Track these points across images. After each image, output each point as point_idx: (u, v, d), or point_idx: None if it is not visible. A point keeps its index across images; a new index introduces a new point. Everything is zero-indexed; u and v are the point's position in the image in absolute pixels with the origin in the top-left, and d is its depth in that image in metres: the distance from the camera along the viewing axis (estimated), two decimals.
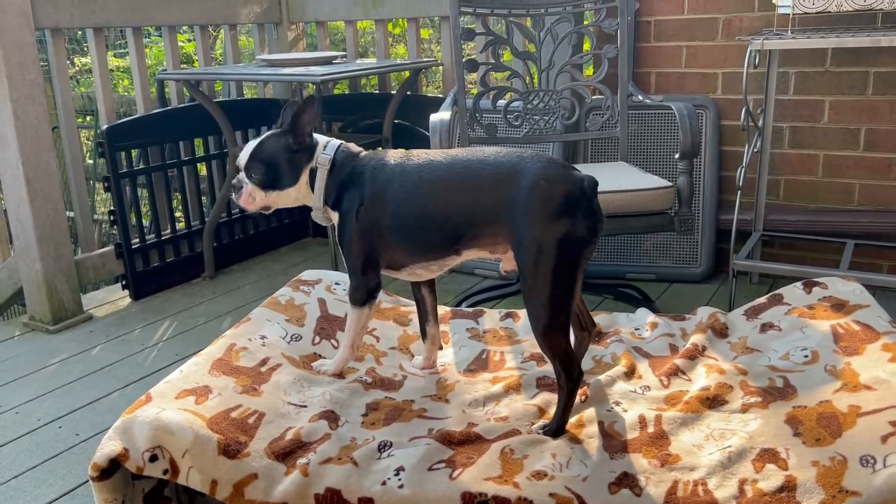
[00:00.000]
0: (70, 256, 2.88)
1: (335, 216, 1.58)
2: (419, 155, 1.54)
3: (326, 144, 1.59)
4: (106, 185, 3.03)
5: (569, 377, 1.38)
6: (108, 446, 1.27)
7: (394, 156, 1.55)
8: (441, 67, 3.51)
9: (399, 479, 1.25)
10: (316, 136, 1.59)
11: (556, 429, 1.38)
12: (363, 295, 1.57)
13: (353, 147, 1.62)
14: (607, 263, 3.12)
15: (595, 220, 1.41)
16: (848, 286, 1.70)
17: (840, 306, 1.63)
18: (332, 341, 1.73)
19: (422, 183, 1.47)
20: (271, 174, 1.55)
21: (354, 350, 1.62)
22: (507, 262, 1.52)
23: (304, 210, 4.21)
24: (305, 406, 1.46)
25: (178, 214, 3.50)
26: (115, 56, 6.20)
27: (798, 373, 1.47)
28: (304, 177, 1.57)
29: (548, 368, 1.63)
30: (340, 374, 1.62)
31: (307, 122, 1.54)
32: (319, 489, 1.25)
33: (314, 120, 1.55)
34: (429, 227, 1.48)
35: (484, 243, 1.46)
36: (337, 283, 1.97)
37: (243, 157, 1.58)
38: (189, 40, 4.89)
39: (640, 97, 2.67)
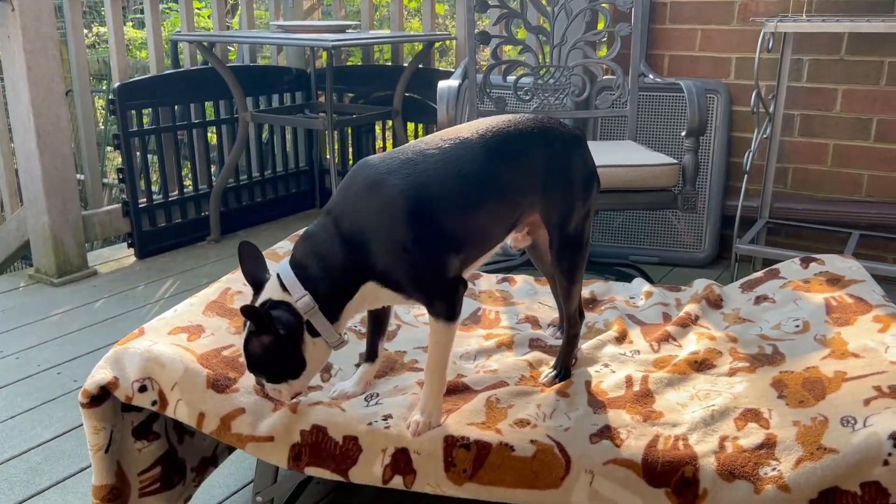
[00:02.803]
0: (77, 211, 2.91)
1: (369, 288, 1.25)
2: (425, 151, 1.28)
3: (290, 288, 1.23)
4: (116, 142, 3.05)
5: (581, 322, 1.48)
6: (99, 374, 1.29)
7: (392, 169, 1.24)
8: (454, 42, 3.51)
9: (386, 422, 1.26)
10: (276, 293, 1.23)
11: (566, 370, 1.43)
12: (458, 304, 1.28)
13: (314, 232, 1.27)
14: (610, 245, 3.12)
15: None
16: (845, 263, 1.70)
17: (835, 280, 1.63)
18: None
19: (467, 176, 1.27)
20: (275, 373, 1.26)
21: (446, 371, 1.31)
22: (521, 240, 1.45)
23: (312, 180, 4.21)
24: None
25: (186, 176, 3.51)
26: (132, 28, 6.23)
27: (788, 341, 1.47)
28: (310, 345, 1.25)
29: (541, 331, 1.64)
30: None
31: (262, 313, 1.20)
32: (305, 426, 1.26)
33: (258, 307, 1.21)
34: (490, 222, 1.32)
35: (521, 221, 1.37)
36: None
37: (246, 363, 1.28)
38: (205, 6, 4.90)
39: (652, 77, 2.66)
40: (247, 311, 1.19)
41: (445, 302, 1.26)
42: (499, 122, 1.35)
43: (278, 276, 1.24)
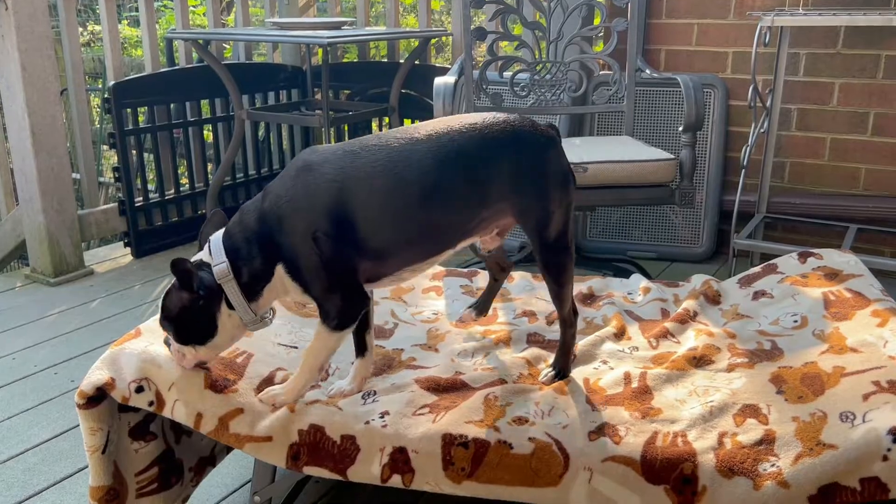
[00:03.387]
0: (73, 211, 2.90)
1: (282, 273, 1.24)
2: (370, 146, 1.24)
3: (214, 254, 1.25)
4: (112, 141, 3.04)
5: (576, 322, 1.44)
6: (96, 375, 1.28)
7: (330, 158, 1.24)
8: (450, 38, 3.50)
9: (383, 420, 1.26)
10: (204, 254, 1.28)
11: (565, 369, 1.41)
12: (348, 318, 1.26)
13: (248, 205, 1.28)
14: (608, 240, 3.11)
15: None
16: (843, 257, 1.70)
17: (833, 275, 1.63)
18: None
19: (407, 178, 1.22)
20: (183, 332, 1.27)
21: (318, 373, 1.31)
22: (491, 242, 1.43)
23: None
24: (296, 347, 1.47)
25: (183, 175, 3.50)
26: (127, 26, 6.21)
27: (786, 337, 1.47)
28: (225, 316, 1.26)
29: (538, 325, 1.63)
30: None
31: (190, 270, 1.22)
32: (303, 425, 1.26)
33: (189, 265, 1.22)
34: (424, 231, 1.26)
35: (485, 226, 1.31)
36: None
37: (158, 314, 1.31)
38: (201, 3, 4.88)
39: (649, 72, 2.66)
40: (174, 264, 1.21)
41: (336, 309, 1.25)
42: (463, 123, 1.28)
43: (209, 242, 1.27)
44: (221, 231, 1.28)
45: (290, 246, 1.22)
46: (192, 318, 1.26)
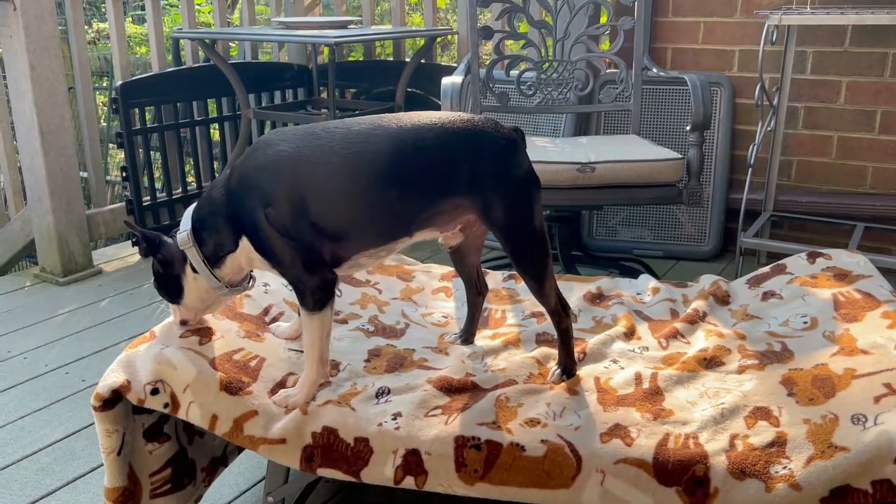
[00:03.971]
0: (81, 210, 2.91)
1: (246, 245, 1.32)
2: (331, 128, 1.31)
3: (182, 222, 1.38)
4: (119, 141, 3.05)
5: (567, 316, 1.43)
6: (111, 377, 1.29)
7: (289, 137, 1.30)
8: (456, 37, 3.50)
9: (395, 422, 1.27)
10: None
11: (571, 366, 1.42)
12: (319, 295, 1.31)
13: (218, 178, 1.39)
14: (614, 239, 3.12)
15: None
16: (852, 258, 1.70)
17: (843, 276, 1.63)
18: (336, 290, 1.74)
19: (360, 161, 1.27)
20: (162, 290, 1.42)
21: (325, 366, 1.36)
22: (452, 238, 1.46)
23: None
24: None
25: (189, 173, 3.51)
26: (132, 23, 6.21)
27: (796, 338, 1.48)
28: (190, 279, 1.37)
29: (547, 325, 1.64)
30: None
31: (153, 240, 1.37)
32: (316, 427, 1.27)
33: (154, 237, 1.37)
34: (378, 213, 1.30)
35: (443, 220, 1.35)
36: None
37: None
38: (207, 2, 4.89)
39: (656, 70, 2.66)
40: (140, 232, 1.38)
41: (305, 287, 1.31)
42: (427, 117, 1.32)
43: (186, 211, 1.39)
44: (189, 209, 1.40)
45: (248, 219, 1.30)
46: (162, 278, 1.40)
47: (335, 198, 1.28)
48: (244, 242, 1.32)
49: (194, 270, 1.36)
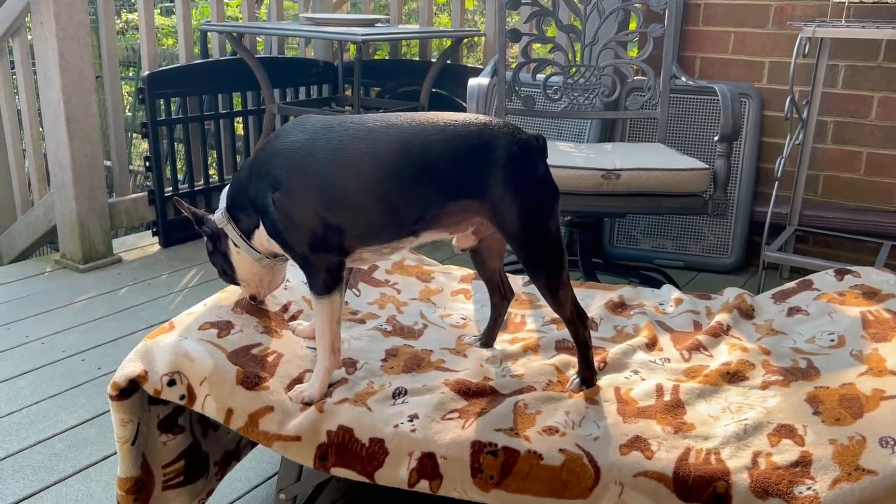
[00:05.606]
0: (104, 198, 2.93)
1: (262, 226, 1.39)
2: (346, 123, 1.33)
3: (220, 202, 1.44)
4: (144, 131, 3.06)
5: (585, 326, 1.40)
6: (129, 367, 1.29)
7: (306, 128, 1.33)
8: (483, 39, 3.48)
9: (412, 424, 1.25)
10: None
11: (590, 377, 1.39)
12: (326, 278, 1.32)
13: (248, 159, 1.47)
14: (635, 247, 3.09)
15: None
16: (882, 276, 1.67)
17: (872, 294, 1.60)
18: (354, 290, 1.74)
19: (367, 157, 1.28)
20: (220, 269, 1.48)
21: (336, 354, 1.36)
22: (464, 240, 1.44)
23: None
24: None
25: (212, 165, 3.53)
26: (160, 14, 6.25)
27: (823, 356, 1.45)
28: (234, 252, 1.43)
29: (566, 332, 1.61)
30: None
31: (190, 214, 1.44)
32: (332, 426, 1.26)
33: (187, 209, 1.43)
34: (380, 209, 1.31)
35: (450, 222, 1.34)
36: None
37: None
38: None
39: (684, 79, 2.63)
40: (189, 210, 1.43)
41: (310, 271, 1.34)
42: (442, 119, 1.32)
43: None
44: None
45: (259, 201, 1.34)
46: (215, 256, 1.46)
47: (339, 191, 1.30)
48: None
49: (236, 246, 1.42)
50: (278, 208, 1.31)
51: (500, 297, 1.57)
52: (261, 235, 1.39)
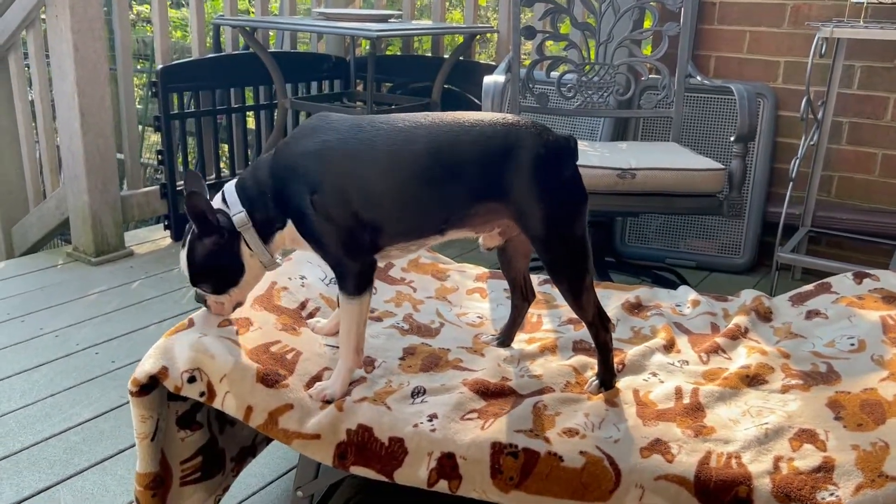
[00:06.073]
0: (116, 191, 2.93)
1: (289, 228, 1.34)
2: (377, 123, 1.32)
3: (230, 203, 1.34)
4: (156, 124, 3.06)
5: (607, 330, 1.40)
6: (149, 364, 1.29)
7: (337, 126, 1.31)
8: (496, 35, 3.47)
9: (431, 424, 1.25)
10: (219, 205, 1.35)
11: (609, 379, 1.39)
12: (359, 280, 1.32)
13: (261, 159, 1.38)
14: (647, 247, 3.08)
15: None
16: None
17: (891, 298, 1.59)
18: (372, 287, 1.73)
19: (400, 157, 1.28)
20: (218, 278, 1.37)
21: (360, 354, 1.36)
22: (490, 240, 1.44)
23: None
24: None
25: (223, 159, 3.53)
26: (170, 6, 6.25)
27: (843, 360, 1.44)
28: (247, 255, 1.36)
29: (584, 333, 1.61)
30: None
31: (207, 211, 1.31)
32: (352, 425, 1.26)
33: (205, 204, 1.31)
34: (413, 209, 1.31)
35: (476, 222, 1.34)
36: None
37: (185, 273, 1.39)
38: None
39: (699, 78, 2.62)
40: (192, 207, 1.29)
41: (341, 272, 1.33)
42: (467, 120, 1.32)
43: (223, 192, 1.35)
44: (231, 184, 1.37)
45: (294, 203, 1.31)
46: (222, 259, 1.35)
47: (374, 191, 1.30)
48: (290, 223, 1.35)
49: (249, 248, 1.37)
50: (317, 210, 1.29)
51: (522, 298, 1.57)
52: (283, 237, 1.35)
